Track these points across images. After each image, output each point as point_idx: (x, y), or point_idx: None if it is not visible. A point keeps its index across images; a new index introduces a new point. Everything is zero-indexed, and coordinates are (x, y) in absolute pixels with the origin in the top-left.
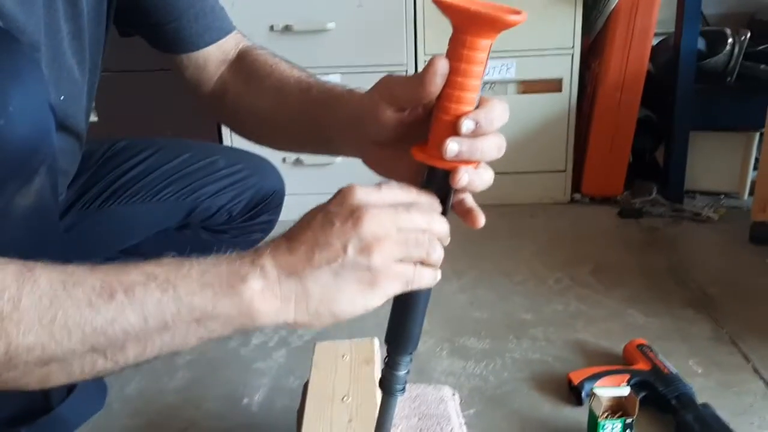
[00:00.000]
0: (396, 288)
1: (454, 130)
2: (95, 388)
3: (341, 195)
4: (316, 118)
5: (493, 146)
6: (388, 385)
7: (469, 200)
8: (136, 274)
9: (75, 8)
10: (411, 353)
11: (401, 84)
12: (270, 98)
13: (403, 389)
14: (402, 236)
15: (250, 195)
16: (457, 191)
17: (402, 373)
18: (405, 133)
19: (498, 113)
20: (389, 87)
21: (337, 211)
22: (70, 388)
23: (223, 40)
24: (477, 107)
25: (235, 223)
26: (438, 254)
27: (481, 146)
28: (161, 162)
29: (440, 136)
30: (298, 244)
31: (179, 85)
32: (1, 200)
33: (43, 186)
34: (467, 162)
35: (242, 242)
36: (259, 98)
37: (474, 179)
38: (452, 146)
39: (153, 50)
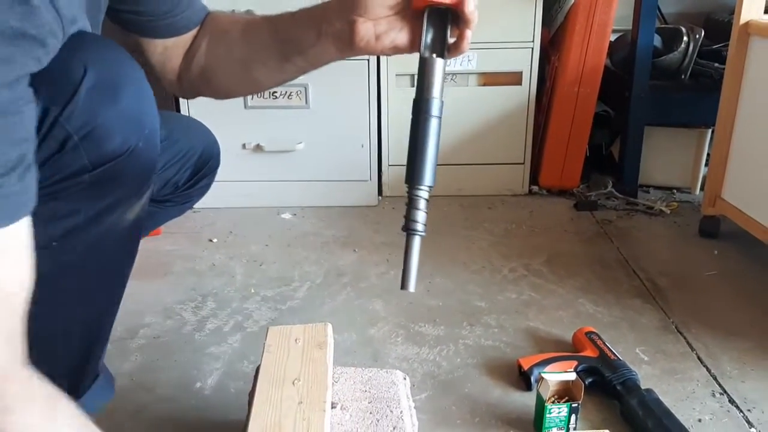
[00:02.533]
0: None
1: None
2: (105, 379)
3: None
4: (291, 30)
5: None
6: (408, 222)
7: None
8: None
9: None
10: (428, 186)
11: None
12: (238, 38)
13: (424, 230)
14: None
15: (192, 163)
16: (453, 32)
17: (420, 210)
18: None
19: None
20: None
21: None
22: (94, 378)
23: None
24: None
25: (179, 191)
26: None
27: None
28: None
29: None
30: None
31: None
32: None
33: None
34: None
35: (184, 207)
36: (227, 44)
37: (474, 9)
38: None
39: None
